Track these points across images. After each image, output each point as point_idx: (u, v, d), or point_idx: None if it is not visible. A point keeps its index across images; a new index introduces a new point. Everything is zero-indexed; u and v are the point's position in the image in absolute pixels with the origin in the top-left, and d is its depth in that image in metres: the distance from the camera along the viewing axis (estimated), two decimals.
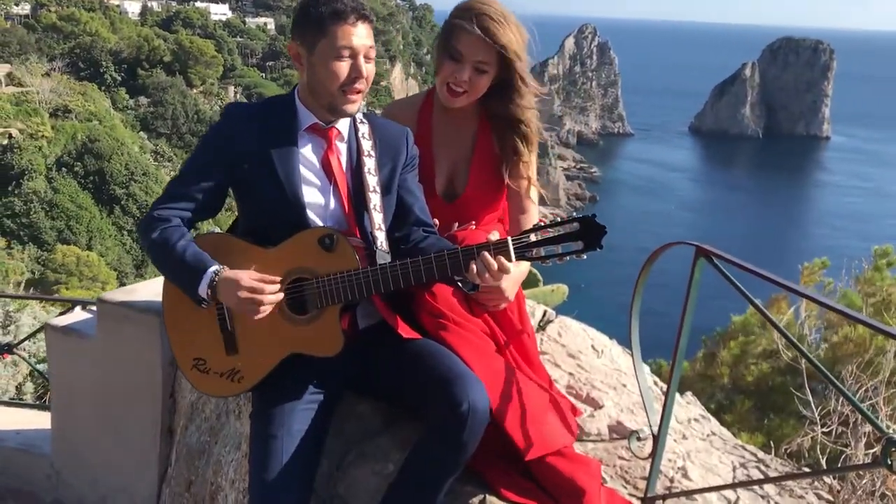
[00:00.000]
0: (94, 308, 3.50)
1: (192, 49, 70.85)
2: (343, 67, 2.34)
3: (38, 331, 4.29)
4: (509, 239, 2.22)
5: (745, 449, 3.15)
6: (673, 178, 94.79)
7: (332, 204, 2.45)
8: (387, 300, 2.48)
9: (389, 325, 2.52)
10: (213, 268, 2.30)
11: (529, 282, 4.33)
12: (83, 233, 51.02)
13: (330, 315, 2.33)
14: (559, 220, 2.22)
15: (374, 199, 2.46)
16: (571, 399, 2.92)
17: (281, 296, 2.28)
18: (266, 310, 2.25)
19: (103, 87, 66.20)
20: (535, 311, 3.41)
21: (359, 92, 2.38)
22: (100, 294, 3.44)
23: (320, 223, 2.43)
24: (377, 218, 2.45)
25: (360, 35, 2.34)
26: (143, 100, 67.31)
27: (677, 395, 3.28)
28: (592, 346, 3.31)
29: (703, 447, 3.01)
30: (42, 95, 57.08)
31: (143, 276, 49.42)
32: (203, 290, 2.29)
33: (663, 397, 3.24)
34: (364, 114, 2.60)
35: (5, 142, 51.86)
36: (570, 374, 3.09)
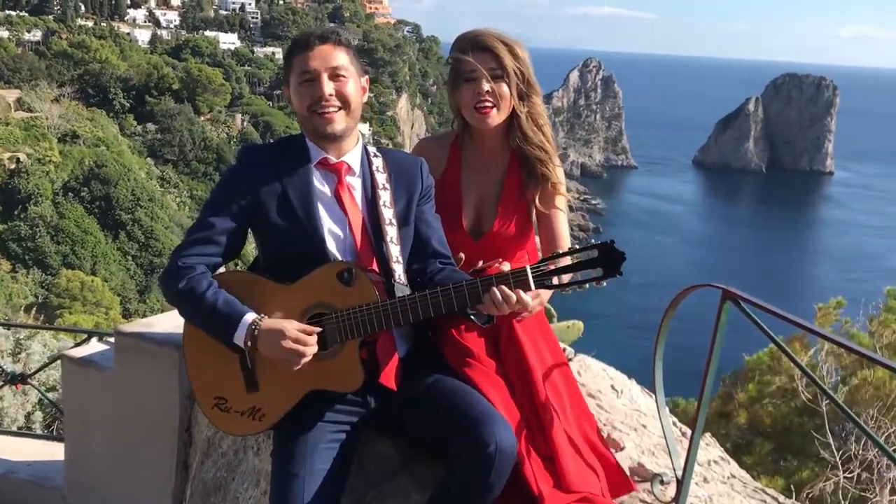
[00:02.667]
0: (111, 339, 3.49)
1: (200, 77, 71.45)
2: (304, 92, 2.41)
3: (53, 361, 4.27)
4: (528, 268, 2.22)
5: (766, 493, 3.11)
6: (677, 212, 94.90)
7: (349, 237, 2.46)
8: (404, 338, 2.47)
9: (414, 360, 2.51)
10: (251, 317, 2.30)
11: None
12: (88, 258, 51.14)
13: (349, 350, 2.33)
14: (577, 246, 2.21)
15: (391, 232, 2.47)
16: None
17: (315, 348, 2.28)
18: (306, 361, 2.27)
19: (112, 114, 66.70)
20: None
21: (336, 109, 2.42)
22: (116, 326, 3.43)
23: (339, 256, 2.44)
24: (394, 250, 2.46)
25: (318, 57, 2.41)
26: (150, 126, 67.72)
27: None
28: (612, 386, 3.29)
29: (724, 491, 2.97)
30: (51, 121, 57.53)
31: (145, 302, 49.48)
32: (241, 339, 2.30)
33: (683, 439, 3.22)
34: (378, 148, 2.63)
35: (13, 166, 52.15)
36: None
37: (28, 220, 51.14)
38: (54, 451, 3.93)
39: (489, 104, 2.78)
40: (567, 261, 2.20)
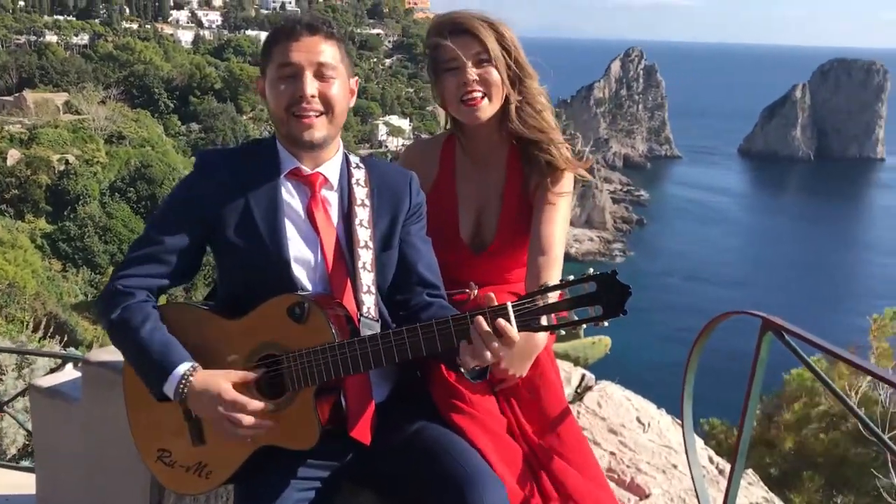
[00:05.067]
0: None
1: (242, 76, 72.19)
2: (282, 88, 2.03)
3: (24, 391, 4.01)
4: (509, 304, 1.80)
5: None
6: (722, 202, 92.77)
7: (321, 262, 2.10)
8: (384, 379, 2.13)
9: (398, 403, 2.18)
10: (183, 368, 1.96)
11: (568, 333, 3.93)
12: None
13: (303, 399, 1.96)
14: (572, 278, 1.80)
15: (365, 257, 2.10)
16: (612, 486, 2.50)
17: (255, 411, 1.94)
18: (245, 434, 1.93)
19: (156, 114, 67.83)
20: (571, 376, 3.01)
21: (317, 114, 2.04)
22: (86, 353, 3.14)
23: (307, 284, 2.08)
24: (366, 279, 2.09)
25: (303, 49, 2.03)
26: (194, 126, 68.69)
27: None
28: (638, 419, 2.88)
29: None
30: (97, 122, 58.56)
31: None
32: (170, 392, 1.97)
33: (721, 478, 2.81)
34: (363, 158, 2.27)
35: (62, 168, 53.16)
36: (612, 453, 2.67)
37: (77, 221, 52.05)
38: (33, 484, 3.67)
39: (478, 93, 2.39)
40: (559, 295, 1.78)
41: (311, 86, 2.03)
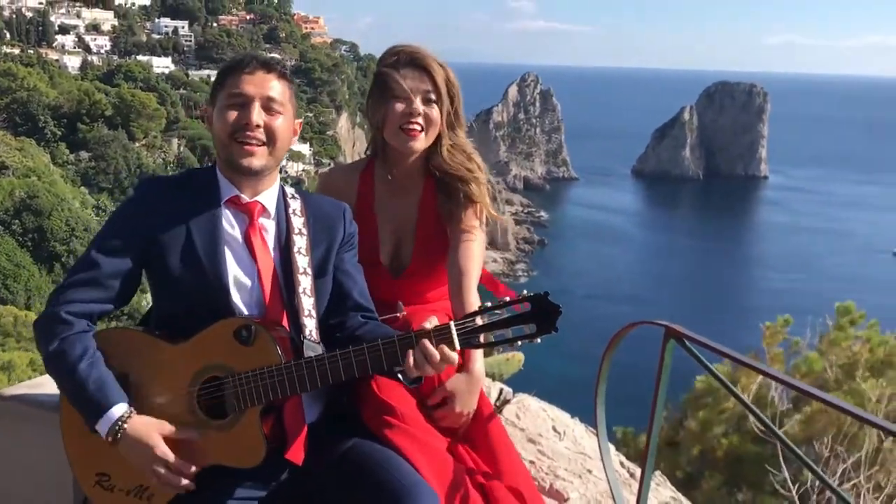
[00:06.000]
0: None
1: (133, 102, 70.10)
2: (230, 115, 2.14)
3: None
4: (452, 324, 1.96)
5: None
6: (618, 222, 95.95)
7: (257, 288, 2.17)
8: (314, 400, 2.20)
9: (329, 423, 2.25)
10: (119, 411, 2.02)
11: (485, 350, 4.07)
12: (21, 292, 49.44)
13: (249, 419, 2.03)
14: (508, 299, 1.96)
15: (304, 282, 2.19)
16: None
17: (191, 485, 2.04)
18: (173, 492, 2.03)
19: (42, 143, 64.97)
20: (490, 390, 3.14)
21: (259, 143, 2.14)
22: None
23: (244, 309, 2.15)
24: (306, 303, 2.17)
25: (255, 82, 2.15)
26: (83, 154, 66.14)
27: None
28: (553, 428, 3.04)
29: None
30: None
31: None
32: (102, 431, 2.02)
33: (632, 481, 2.99)
34: (298, 190, 2.36)
35: None
36: (532, 462, 2.81)
37: None
38: None
39: (418, 127, 2.55)
40: (496, 314, 1.94)
41: (258, 116, 2.13)
